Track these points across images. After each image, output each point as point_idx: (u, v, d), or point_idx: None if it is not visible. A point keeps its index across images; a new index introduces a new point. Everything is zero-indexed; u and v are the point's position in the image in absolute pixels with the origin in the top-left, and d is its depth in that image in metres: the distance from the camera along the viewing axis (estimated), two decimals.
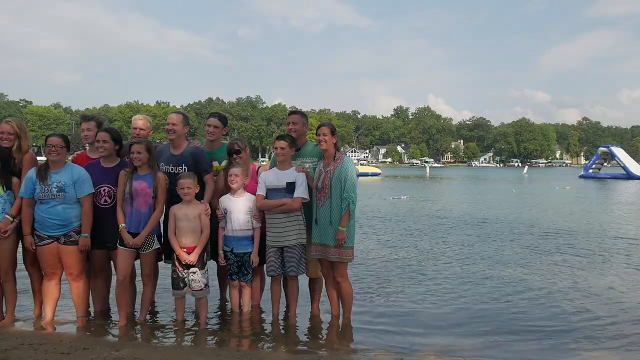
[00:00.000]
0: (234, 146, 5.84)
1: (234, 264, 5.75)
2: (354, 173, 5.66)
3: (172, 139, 5.93)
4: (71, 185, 5.37)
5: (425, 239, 12.85)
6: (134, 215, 5.44)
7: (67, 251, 5.43)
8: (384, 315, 6.39)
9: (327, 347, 5.35)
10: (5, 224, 5.41)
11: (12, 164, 5.58)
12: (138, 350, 4.74)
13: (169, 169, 5.84)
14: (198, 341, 5.35)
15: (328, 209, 5.61)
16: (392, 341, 5.49)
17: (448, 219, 17.54)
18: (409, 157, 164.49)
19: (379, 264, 9.62)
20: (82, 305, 5.68)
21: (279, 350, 5.13)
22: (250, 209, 5.70)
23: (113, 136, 5.62)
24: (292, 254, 5.70)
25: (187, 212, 5.50)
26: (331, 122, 6.59)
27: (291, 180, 5.66)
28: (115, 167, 5.62)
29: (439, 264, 9.64)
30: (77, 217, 5.45)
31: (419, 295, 7.36)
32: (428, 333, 5.80)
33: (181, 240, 5.50)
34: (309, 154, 6.05)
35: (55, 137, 5.49)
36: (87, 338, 5.22)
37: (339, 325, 5.83)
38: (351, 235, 5.65)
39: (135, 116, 6.50)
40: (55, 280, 5.60)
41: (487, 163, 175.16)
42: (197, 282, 5.52)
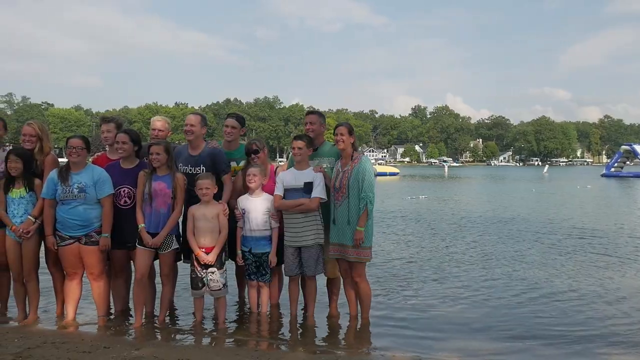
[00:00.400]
0: (252, 146, 5.86)
1: (252, 264, 5.77)
2: (372, 173, 5.64)
3: (191, 139, 5.97)
4: (92, 186, 5.44)
5: (445, 239, 12.74)
6: (153, 215, 5.49)
7: (88, 251, 5.50)
8: (402, 316, 6.35)
9: (345, 347, 5.34)
10: (27, 225, 5.50)
11: (34, 166, 5.67)
12: (158, 350, 4.78)
13: (187, 170, 5.88)
14: (217, 341, 5.38)
15: (346, 209, 5.60)
16: (410, 342, 5.46)
17: (468, 218, 17.38)
18: (427, 156, 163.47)
19: (398, 264, 9.57)
20: (103, 305, 5.75)
21: (297, 350, 5.14)
22: (268, 209, 5.72)
23: (132, 137, 5.67)
24: (309, 254, 5.71)
25: (205, 213, 5.53)
26: (349, 121, 6.56)
27: (309, 180, 5.66)
28: (134, 168, 5.68)
29: (460, 265, 9.53)
30: (97, 218, 5.51)
31: (438, 296, 7.28)
32: (448, 335, 5.72)
33: (200, 240, 5.53)
34: (326, 153, 6.05)
35: (76, 139, 5.56)
36: (108, 337, 5.28)
37: (357, 326, 5.81)
38: (369, 235, 5.63)
39: (154, 117, 6.55)
40: (76, 280, 5.68)
41: (506, 162, 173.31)
42: (215, 282, 5.55)
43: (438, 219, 17.17)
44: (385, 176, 57.25)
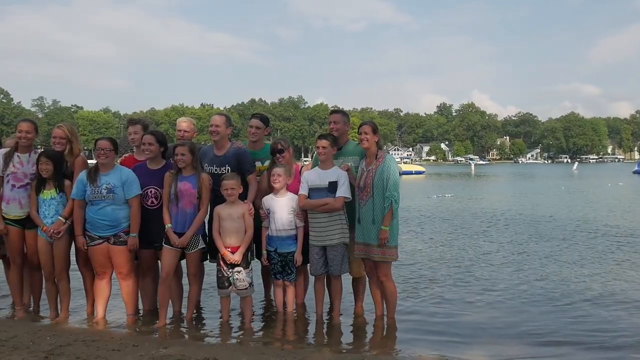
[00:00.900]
0: (277, 146, 5.88)
1: (277, 264, 5.79)
2: (397, 172, 5.60)
3: (216, 140, 6.02)
4: (120, 187, 5.52)
5: (473, 238, 12.58)
6: (179, 215, 5.55)
7: (117, 251, 5.59)
8: (429, 317, 6.29)
9: (371, 347, 5.31)
10: (58, 225, 5.62)
11: (64, 167, 5.78)
12: (185, 348, 4.83)
13: (212, 170, 5.93)
14: (243, 339, 5.41)
15: (370, 208, 5.58)
16: (437, 343, 5.40)
17: (496, 217, 17.12)
18: (453, 154, 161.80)
19: (426, 263, 9.49)
20: (132, 304, 5.83)
21: (322, 349, 5.13)
22: (293, 208, 5.73)
23: (158, 138, 5.74)
24: (335, 254, 5.70)
25: (231, 212, 5.57)
26: (373, 120, 6.52)
27: (333, 179, 5.65)
28: (160, 169, 5.74)
29: (490, 265, 9.37)
30: (125, 218, 5.60)
31: (467, 297, 7.17)
32: (476, 337, 5.61)
33: (225, 240, 5.57)
34: (350, 153, 6.03)
35: (104, 141, 5.66)
36: (136, 335, 5.36)
37: (383, 326, 5.78)
38: (394, 235, 5.60)
39: (180, 119, 6.62)
40: (106, 280, 5.77)
41: (534, 160, 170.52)
42: (241, 281, 5.58)
43: (465, 218, 16.96)
44: (410, 175, 56.90)
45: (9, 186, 5.79)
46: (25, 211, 5.77)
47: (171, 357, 4.45)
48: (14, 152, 5.84)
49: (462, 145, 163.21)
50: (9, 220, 5.81)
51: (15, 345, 4.66)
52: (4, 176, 5.79)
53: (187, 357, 4.46)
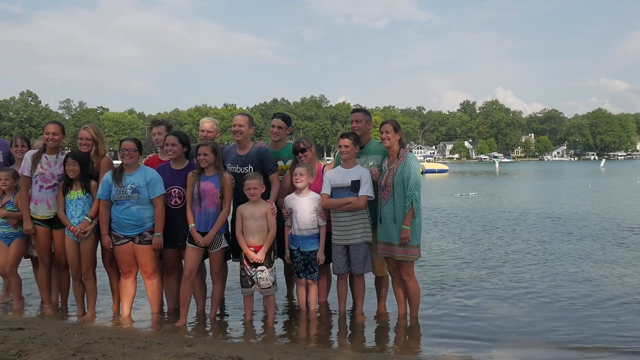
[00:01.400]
0: (299, 145, 5.89)
1: (300, 262, 5.80)
2: (418, 171, 5.56)
3: (239, 139, 6.05)
4: (144, 187, 5.59)
5: (499, 237, 12.41)
6: (202, 215, 5.59)
7: (142, 250, 5.66)
8: (454, 316, 6.24)
9: (394, 346, 5.29)
10: (84, 225, 5.71)
11: (90, 168, 5.87)
12: (209, 347, 4.87)
13: (235, 170, 5.96)
14: (266, 338, 5.43)
15: (391, 208, 5.55)
16: (462, 343, 5.35)
17: (522, 215, 16.86)
18: (477, 152, 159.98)
19: (449, 262, 9.42)
20: (156, 302, 5.90)
21: (345, 348, 5.13)
22: (315, 207, 5.73)
23: (181, 139, 5.79)
24: (357, 252, 5.69)
25: (253, 212, 5.59)
26: (395, 118, 6.48)
27: (356, 178, 5.64)
28: (184, 169, 5.80)
29: (517, 264, 9.23)
30: (150, 218, 5.66)
31: (493, 297, 7.08)
32: (502, 337, 5.54)
33: (248, 239, 5.60)
34: (372, 151, 6.01)
35: (129, 141, 5.73)
36: (161, 334, 5.41)
37: (406, 325, 5.75)
38: (417, 234, 5.57)
39: (203, 119, 6.66)
40: (131, 278, 5.86)
41: (560, 157, 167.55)
42: (264, 280, 5.61)
43: (491, 217, 16.75)
44: (433, 173, 56.54)
45: (37, 187, 5.90)
46: (53, 211, 5.88)
47: (195, 356, 4.48)
48: (42, 154, 5.95)
49: (486, 143, 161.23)
50: (37, 220, 5.92)
51: (44, 343, 4.75)
52: (32, 177, 5.91)
53: (211, 356, 4.49)
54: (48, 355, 4.34)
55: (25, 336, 4.95)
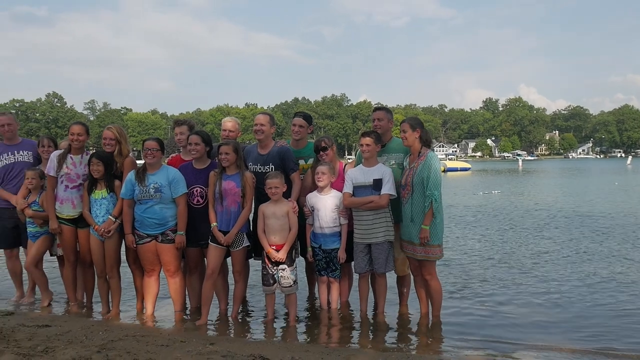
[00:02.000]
0: (320, 143, 5.89)
1: (322, 260, 5.80)
2: (438, 170, 5.51)
3: (260, 139, 6.07)
4: (167, 186, 5.64)
5: (524, 236, 12.24)
6: (224, 214, 5.62)
7: (164, 249, 5.71)
8: (477, 316, 6.17)
9: (416, 345, 5.26)
10: (108, 224, 5.79)
11: (114, 168, 5.95)
12: (231, 345, 4.89)
13: (257, 169, 5.98)
14: (287, 336, 5.45)
15: (410, 207, 5.53)
16: (485, 342, 5.29)
17: (547, 214, 16.62)
18: (500, 150, 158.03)
19: (473, 260, 9.34)
20: (179, 301, 5.96)
21: (367, 347, 5.11)
22: (337, 205, 5.72)
23: (203, 138, 5.82)
24: (379, 251, 5.66)
25: (275, 211, 5.61)
26: (417, 117, 6.43)
27: (378, 177, 5.62)
28: (206, 168, 5.83)
29: (543, 263, 9.09)
30: (173, 217, 5.71)
31: (518, 296, 6.98)
32: (526, 336, 5.46)
33: (270, 237, 5.62)
34: (394, 150, 5.98)
35: (151, 141, 5.79)
36: (184, 332, 5.46)
37: (428, 324, 5.72)
38: (438, 233, 5.52)
39: (225, 118, 6.68)
40: (154, 277, 5.92)
41: (585, 154, 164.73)
42: (286, 278, 5.62)
43: (514, 215, 16.55)
44: (456, 171, 56.12)
45: (62, 187, 5.99)
46: (78, 211, 5.97)
47: (217, 354, 4.51)
48: (67, 154, 6.04)
49: (509, 141, 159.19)
50: (62, 219, 6.02)
51: (70, 340, 4.82)
52: (57, 177, 6.00)
53: (233, 354, 4.51)
54: (74, 352, 4.40)
55: (52, 333, 5.04)
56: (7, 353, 4.32)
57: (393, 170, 5.74)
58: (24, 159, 6.61)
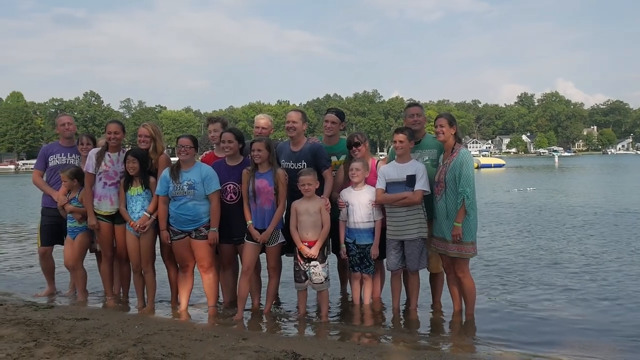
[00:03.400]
0: (353, 139, 5.89)
1: (356, 256, 5.80)
2: (471, 167, 5.44)
3: (293, 136, 6.09)
4: (200, 183, 5.71)
5: (561, 235, 11.94)
6: (258, 212, 5.66)
7: (198, 245, 5.79)
8: (512, 314, 6.08)
9: (449, 343, 5.21)
10: (143, 220, 5.89)
11: (149, 165, 6.05)
12: (264, 340, 4.92)
13: (289, 165, 6.00)
14: (320, 333, 5.46)
15: (444, 204, 5.47)
16: (519, 341, 5.21)
17: (586, 212, 16.09)
18: (535, 146, 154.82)
19: (508, 259, 9.17)
20: (213, 296, 6.03)
21: (399, 344, 5.08)
22: (370, 200, 5.71)
23: (236, 136, 5.87)
24: (412, 248, 5.62)
25: (308, 207, 5.62)
26: (450, 112, 6.36)
27: (411, 173, 5.58)
28: (239, 165, 5.88)
29: (582, 261, 8.86)
30: (206, 213, 5.78)
31: (553, 295, 6.83)
32: (561, 336, 5.35)
33: (302, 234, 5.63)
34: (428, 146, 5.93)
35: (185, 138, 5.87)
36: (217, 327, 5.53)
37: (462, 322, 5.65)
38: (471, 230, 5.45)
39: (258, 116, 6.71)
40: (188, 272, 6.00)
41: (625, 150, 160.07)
42: (317, 275, 5.63)
43: (550, 213, 16.17)
44: (489, 168, 55.25)
45: (101, 184, 6.13)
46: (115, 207, 6.10)
47: (250, 349, 4.55)
48: (105, 152, 6.17)
49: (545, 137, 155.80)
50: (100, 215, 6.15)
51: (107, 333, 4.93)
52: (96, 174, 6.14)
53: (266, 349, 4.55)
54: (111, 344, 4.50)
55: (90, 326, 5.16)
56: (48, 345, 4.45)
57: (426, 167, 5.69)
58: (74, 162, 6.81)
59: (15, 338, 4.64)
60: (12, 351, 4.25)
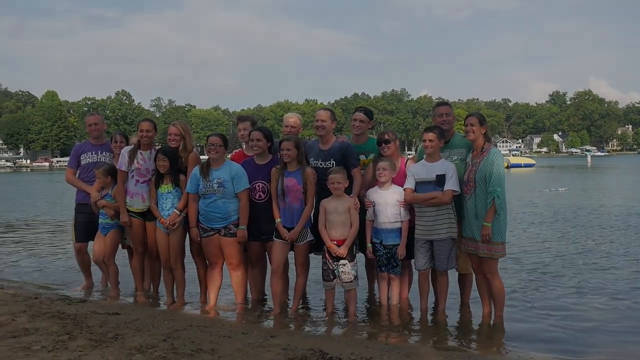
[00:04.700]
0: (384, 136, 5.87)
1: (383, 256, 5.77)
2: (501, 166, 5.38)
3: (322, 134, 6.10)
4: (229, 181, 5.76)
5: (595, 236, 11.63)
6: (287, 210, 5.69)
7: (227, 242, 5.84)
8: (543, 316, 5.96)
9: (478, 346, 5.15)
10: (173, 218, 5.98)
11: (179, 163, 6.13)
12: (291, 338, 4.94)
13: (318, 164, 6.01)
14: (347, 332, 5.45)
15: (473, 203, 5.41)
16: (550, 344, 5.13)
17: (622, 213, 15.59)
18: (567, 145, 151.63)
19: (540, 260, 8.98)
20: (241, 293, 6.08)
21: (427, 345, 5.05)
22: (397, 200, 5.68)
23: (265, 134, 5.90)
24: (441, 248, 5.58)
25: (337, 206, 5.62)
26: (480, 111, 6.29)
27: (441, 172, 5.53)
28: (267, 163, 5.91)
29: (618, 264, 8.59)
30: (235, 211, 5.83)
31: (586, 298, 6.66)
32: (595, 340, 5.23)
33: (331, 233, 5.64)
34: (457, 145, 5.88)
35: (215, 137, 5.93)
36: (245, 324, 5.57)
37: (490, 324, 5.58)
38: (501, 231, 5.38)
39: (287, 114, 6.72)
40: (217, 269, 6.07)
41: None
42: (346, 274, 5.63)
43: (584, 214, 15.71)
44: (519, 168, 54.32)
45: (133, 181, 6.23)
46: (147, 204, 6.19)
47: (277, 347, 4.57)
48: (137, 150, 6.27)
49: (577, 136, 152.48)
50: (132, 212, 6.26)
51: (138, 328, 5.02)
52: (128, 172, 6.25)
53: (293, 347, 4.56)
54: (141, 339, 4.58)
55: (121, 321, 5.25)
56: (81, 338, 4.55)
57: (456, 166, 5.64)
58: (105, 159, 6.94)
59: (49, 331, 4.76)
60: (47, 343, 4.36)
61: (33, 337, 4.54)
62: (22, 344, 4.35)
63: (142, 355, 4.18)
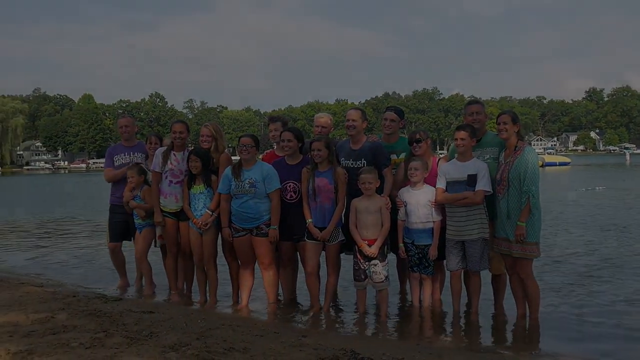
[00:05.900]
0: (415, 135, 5.84)
1: (414, 256, 5.73)
2: (536, 165, 5.28)
3: (352, 134, 6.09)
4: (261, 182, 5.80)
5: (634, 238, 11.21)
6: (318, 210, 5.71)
7: (259, 242, 5.88)
8: (579, 319, 5.81)
9: (512, 348, 5.07)
10: (206, 218, 6.05)
11: (211, 164, 6.20)
12: (322, 338, 4.94)
13: (348, 164, 6.00)
14: (379, 332, 5.44)
15: (506, 203, 5.33)
16: (586, 347, 5.02)
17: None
18: (605, 143, 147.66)
19: (577, 261, 8.73)
20: (273, 293, 6.12)
21: (460, 347, 5.00)
22: (429, 200, 5.63)
23: (296, 135, 5.92)
24: (474, 249, 5.51)
25: (368, 206, 5.61)
26: (513, 109, 6.19)
27: (473, 172, 5.46)
28: (298, 164, 5.93)
29: None
30: (267, 211, 5.87)
31: (623, 300, 6.45)
32: (632, 344, 5.10)
33: (363, 232, 5.63)
34: (489, 144, 5.79)
35: (247, 138, 5.98)
36: (277, 323, 5.61)
37: (525, 326, 5.48)
38: (536, 231, 5.28)
39: (318, 114, 6.71)
40: (249, 269, 6.12)
41: None
42: (378, 274, 5.61)
43: (622, 214, 15.23)
44: (554, 166, 53.19)
45: (166, 182, 6.33)
46: (180, 205, 6.28)
47: (309, 346, 4.57)
48: (170, 151, 6.37)
49: (615, 133, 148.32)
50: (166, 212, 6.36)
51: (172, 326, 5.08)
52: (162, 173, 6.35)
53: (324, 347, 4.56)
54: (175, 337, 4.64)
55: (156, 319, 5.33)
56: (117, 335, 4.64)
57: (488, 165, 5.56)
58: (137, 160, 7.07)
59: (87, 328, 4.86)
60: (85, 340, 4.45)
61: (71, 334, 4.64)
62: (60, 340, 4.45)
63: (175, 353, 4.23)
